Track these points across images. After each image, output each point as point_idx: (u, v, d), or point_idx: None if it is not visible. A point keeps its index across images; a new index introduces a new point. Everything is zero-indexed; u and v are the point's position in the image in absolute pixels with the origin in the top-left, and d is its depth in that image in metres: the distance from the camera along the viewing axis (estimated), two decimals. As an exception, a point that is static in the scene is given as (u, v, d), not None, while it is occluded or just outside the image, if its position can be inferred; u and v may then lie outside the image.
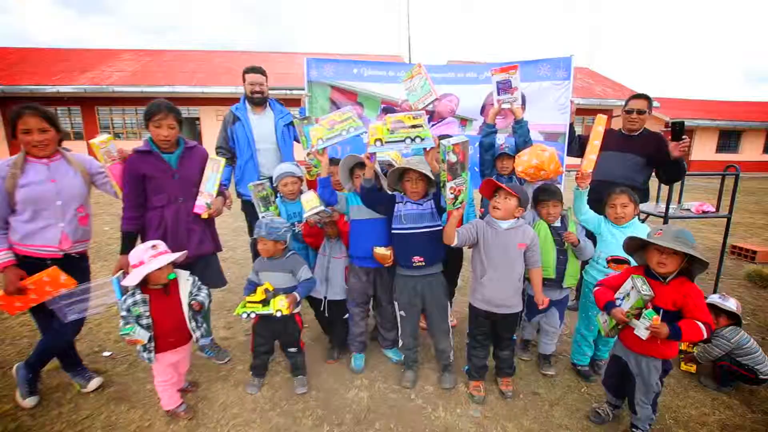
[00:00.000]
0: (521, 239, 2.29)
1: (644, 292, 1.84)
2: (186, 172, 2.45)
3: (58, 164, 2.23)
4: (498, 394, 2.51)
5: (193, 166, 2.49)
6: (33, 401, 2.33)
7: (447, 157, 2.06)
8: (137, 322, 2.04)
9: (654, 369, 1.98)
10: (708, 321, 1.79)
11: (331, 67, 3.44)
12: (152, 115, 2.31)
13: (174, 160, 2.42)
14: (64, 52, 18.37)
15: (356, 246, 2.58)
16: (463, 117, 3.63)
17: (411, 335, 2.59)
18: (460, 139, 2.13)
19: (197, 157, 2.53)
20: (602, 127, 2.67)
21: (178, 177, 2.41)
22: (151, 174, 2.35)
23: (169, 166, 2.40)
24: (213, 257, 2.73)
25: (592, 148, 2.64)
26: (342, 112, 2.38)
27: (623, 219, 2.54)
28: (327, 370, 2.74)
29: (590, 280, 2.66)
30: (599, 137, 2.67)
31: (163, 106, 2.35)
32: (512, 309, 2.34)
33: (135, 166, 2.34)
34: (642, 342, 1.92)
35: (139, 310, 2.04)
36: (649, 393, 2.01)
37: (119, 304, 2.05)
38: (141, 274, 1.99)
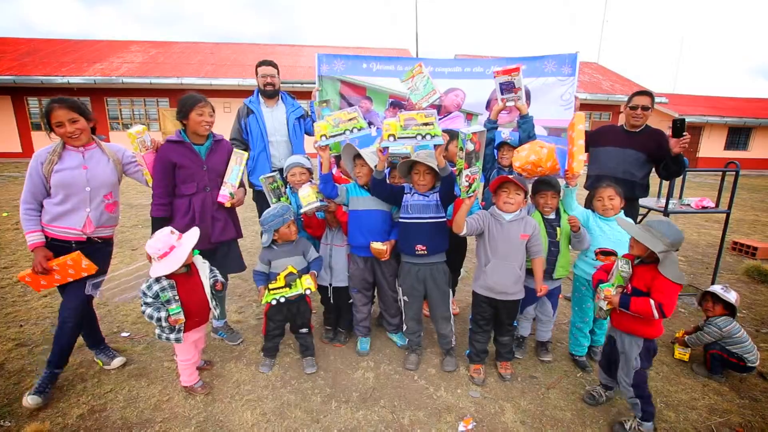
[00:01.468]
0: (524, 230, 2.40)
1: (623, 270, 2.07)
2: (214, 163, 2.59)
3: (93, 153, 2.37)
4: (497, 377, 2.64)
5: (220, 158, 2.63)
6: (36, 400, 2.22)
7: (465, 145, 2.17)
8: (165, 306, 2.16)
9: (635, 345, 2.11)
10: (663, 302, 1.92)
11: (341, 62, 3.54)
12: (195, 103, 2.47)
13: (204, 151, 2.56)
14: (74, 43, 18.52)
15: (354, 236, 2.69)
16: (469, 111, 3.72)
17: (414, 319, 2.72)
18: (478, 128, 2.23)
19: (224, 150, 2.67)
20: (583, 126, 2.73)
21: (206, 168, 2.55)
22: (182, 163, 2.49)
23: (199, 157, 2.54)
24: (234, 243, 2.87)
25: (579, 149, 2.69)
26: (349, 112, 2.49)
27: (611, 211, 2.64)
28: (334, 352, 2.88)
29: (580, 273, 2.76)
30: (582, 136, 2.71)
31: (201, 96, 2.54)
32: (514, 296, 2.46)
33: (167, 154, 2.48)
34: (626, 321, 2.11)
35: (168, 295, 2.16)
36: (629, 369, 2.13)
37: (143, 291, 2.16)
38: (184, 255, 2.12)
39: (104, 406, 2.28)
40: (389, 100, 3.60)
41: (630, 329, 2.11)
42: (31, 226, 2.25)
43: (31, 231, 2.25)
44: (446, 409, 2.33)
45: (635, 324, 2.08)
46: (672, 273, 1.92)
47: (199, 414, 2.24)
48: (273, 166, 3.43)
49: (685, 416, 2.33)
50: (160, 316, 2.14)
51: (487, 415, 2.30)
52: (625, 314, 2.08)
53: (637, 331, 2.08)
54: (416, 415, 2.28)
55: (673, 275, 1.92)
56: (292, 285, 2.42)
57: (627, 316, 2.09)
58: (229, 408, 2.29)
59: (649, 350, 2.11)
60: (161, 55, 17.20)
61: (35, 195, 2.26)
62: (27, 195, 2.25)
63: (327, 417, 2.24)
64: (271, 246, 2.57)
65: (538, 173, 2.67)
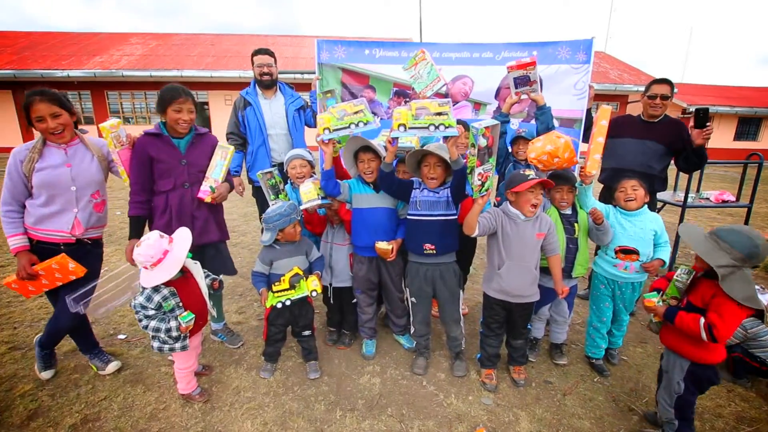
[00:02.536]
0: (540, 229, 2.24)
1: (678, 279, 1.86)
2: (194, 158, 2.42)
3: (76, 149, 2.22)
4: (510, 382, 2.51)
5: (202, 153, 2.46)
6: (49, 374, 2.43)
7: (477, 141, 2.00)
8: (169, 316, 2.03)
9: (678, 367, 1.90)
10: (716, 324, 1.66)
11: (342, 48, 3.36)
12: (172, 99, 2.27)
13: (183, 145, 2.40)
14: (73, 36, 18.34)
15: (358, 235, 2.55)
16: (478, 101, 3.54)
17: (422, 322, 2.58)
18: (491, 122, 2.06)
19: (207, 144, 2.50)
20: (606, 121, 2.51)
21: (186, 163, 2.39)
22: (159, 157, 2.33)
23: (178, 151, 2.38)
24: (222, 245, 2.71)
25: (596, 147, 2.48)
26: (355, 104, 2.32)
27: (634, 202, 2.47)
28: (339, 355, 2.76)
29: (600, 271, 2.61)
30: (603, 133, 2.50)
31: (182, 90, 2.33)
32: (529, 298, 2.31)
33: (143, 148, 2.32)
34: (672, 337, 1.91)
35: (172, 303, 2.02)
36: (671, 392, 1.93)
37: (141, 305, 2.00)
38: (181, 258, 1.98)
39: (98, 414, 2.17)
40: (393, 89, 3.43)
41: (675, 347, 1.91)
42: (12, 230, 2.12)
43: (13, 235, 2.12)
44: (457, 417, 2.20)
45: (682, 342, 1.86)
46: (738, 292, 1.60)
47: (197, 424, 2.12)
48: (273, 161, 3.29)
49: (711, 425, 2.19)
50: (170, 326, 1.99)
51: (500, 424, 2.17)
52: (673, 329, 1.88)
53: (683, 350, 1.87)
54: (426, 424, 2.15)
55: (739, 295, 1.60)
56: (297, 287, 2.29)
57: (674, 332, 1.89)
58: (228, 417, 2.17)
59: (696, 377, 1.86)
60: (161, 48, 16.99)
61: (15, 196, 2.12)
62: (6, 196, 2.11)
63: (331, 427, 2.12)
64: (273, 245, 2.43)
65: (554, 165, 2.50)
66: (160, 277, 1.94)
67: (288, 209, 2.34)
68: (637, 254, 2.46)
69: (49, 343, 2.43)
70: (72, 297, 2.22)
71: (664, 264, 2.48)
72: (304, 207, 2.41)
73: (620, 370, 2.68)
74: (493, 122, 2.07)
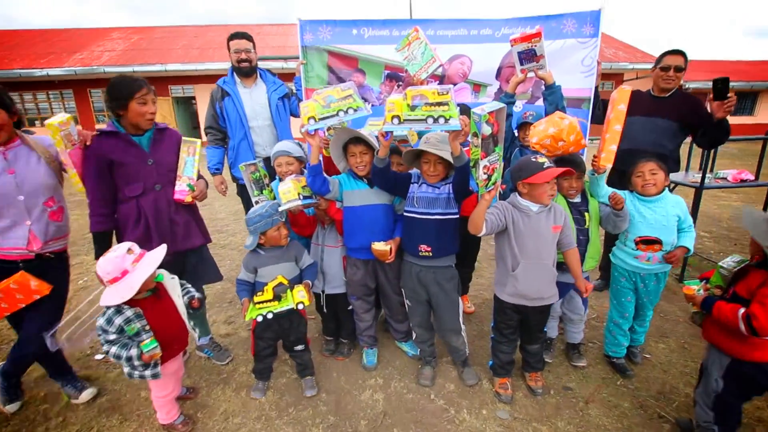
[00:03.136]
0: (555, 220, 1.99)
1: (722, 267, 1.69)
2: (161, 156, 2.15)
3: (18, 152, 1.93)
4: (526, 390, 2.28)
5: (168, 149, 2.19)
6: (14, 407, 2.17)
7: (481, 129, 1.72)
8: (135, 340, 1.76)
9: (717, 363, 1.71)
10: (757, 314, 1.48)
11: (328, 29, 3.05)
12: (135, 91, 2.00)
13: (146, 142, 2.12)
14: (52, 33, 17.72)
15: (351, 236, 2.29)
16: (477, 82, 3.26)
17: (421, 326, 2.35)
18: (496, 105, 1.77)
19: (171, 139, 2.23)
20: (625, 106, 2.20)
21: (153, 162, 2.12)
22: (121, 159, 2.04)
23: (141, 150, 2.10)
24: (205, 249, 2.47)
25: (613, 136, 2.18)
26: (342, 88, 2.03)
27: (653, 187, 2.22)
28: (337, 367, 2.52)
29: (619, 263, 2.38)
30: (621, 120, 2.19)
31: (142, 81, 2.06)
32: (548, 300, 2.07)
33: (101, 150, 2.03)
34: (712, 330, 1.73)
35: (136, 327, 1.75)
36: (708, 390, 1.75)
37: (101, 327, 1.74)
38: (136, 284, 1.69)
39: (68, 452, 1.93)
40: (385, 72, 3.14)
41: (715, 340, 1.72)
42: None
43: None
44: (471, 436, 1.98)
45: (722, 336, 1.67)
46: None
47: (180, 458, 1.89)
48: (257, 156, 3.00)
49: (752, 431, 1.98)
50: (131, 354, 1.72)
51: (520, 442, 1.95)
52: (714, 322, 1.70)
53: (723, 344, 1.68)
54: (437, 447, 1.92)
55: None
56: (282, 298, 2.03)
57: (715, 325, 1.70)
58: (215, 448, 1.94)
59: (737, 374, 1.66)
60: (144, 42, 16.44)
61: None
62: None
63: (331, 455, 1.89)
64: (257, 250, 2.17)
65: (559, 149, 2.23)
66: (111, 299, 1.67)
67: (270, 209, 2.08)
68: (660, 244, 2.22)
69: (14, 372, 2.17)
70: (50, 334, 1.99)
71: (688, 252, 2.25)
72: (282, 209, 2.14)
73: (644, 370, 2.46)
74: (498, 105, 1.79)
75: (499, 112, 1.76)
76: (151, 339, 1.72)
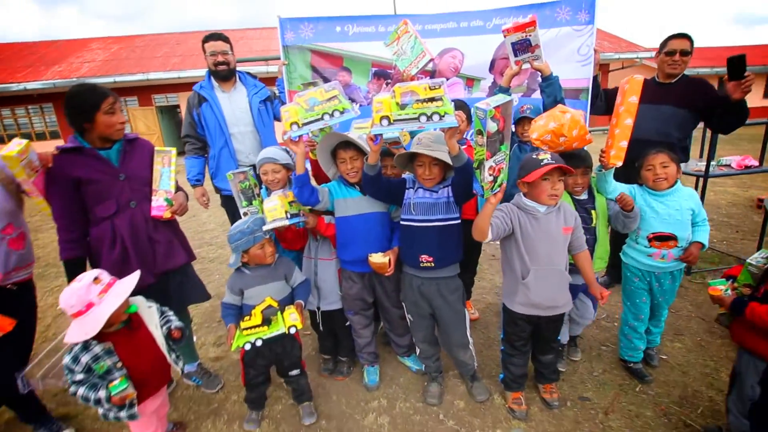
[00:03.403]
0: (565, 221, 1.83)
1: (750, 264, 1.59)
2: (133, 169, 1.97)
3: None
4: (541, 403, 2.13)
5: (141, 161, 2.01)
6: None
7: (486, 126, 1.55)
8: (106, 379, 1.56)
9: (752, 368, 1.58)
10: None
11: (310, 27, 2.88)
12: (101, 100, 1.83)
13: (115, 156, 1.93)
14: (29, 45, 17.29)
15: (345, 248, 2.11)
16: (470, 76, 3.10)
17: (425, 342, 2.19)
18: (502, 99, 1.60)
19: (143, 151, 2.05)
20: (637, 97, 2.04)
21: (124, 177, 1.93)
22: (89, 177, 1.85)
23: (110, 164, 1.91)
24: (189, 267, 2.29)
25: (624, 131, 2.02)
26: (326, 89, 1.83)
27: (665, 182, 2.08)
28: (337, 389, 2.34)
29: (632, 263, 2.24)
30: (633, 113, 2.02)
31: (105, 89, 1.90)
32: (562, 308, 1.91)
33: (64, 169, 1.84)
34: (744, 332, 1.60)
35: (106, 364, 1.56)
36: (743, 397, 1.61)
37: (68, 367, 1.54)
38: (102, 319, 1.50)
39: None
40: (372, 70, 2.97)
41: (749, 344, 1.59)
42: None
43: None
44: (486, 461, 1.82)
45: (756, 339, 1.54)
46: None
47: (166, 505, 1.70)
48: (240, 164, 2.81)
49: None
50: (99, 396, 1.52)
51: (539, 464, 1.79)
52: (746, 323, 1.57)
53: (758, 348, 1.55)
54: (450, 476, 1.76)
55: None
56: (272, 321, 1.85)
57: (747, 327, 1.57)
58: (205, 491, 1.75)
59: None
60: (124, 51, 16.08)
61: None
62: None
63: (334, 492, 1.72)
64: (242, 270, 1.99)
65: (562, 145, 2.07)
66: (75, 335, 1.48)
67: (252, 225, 1.90)
68: (674, 240, 2.08)
69: None
70: (20, 375, 1.82)
71: (703, 247, 2.10)
72: (267, 229, 1.94)
73: (662, 373, 2.32)
74: (504, 99, 1.61)
75: (505, 107, 1.59)
76: (120, 379, 1.53)
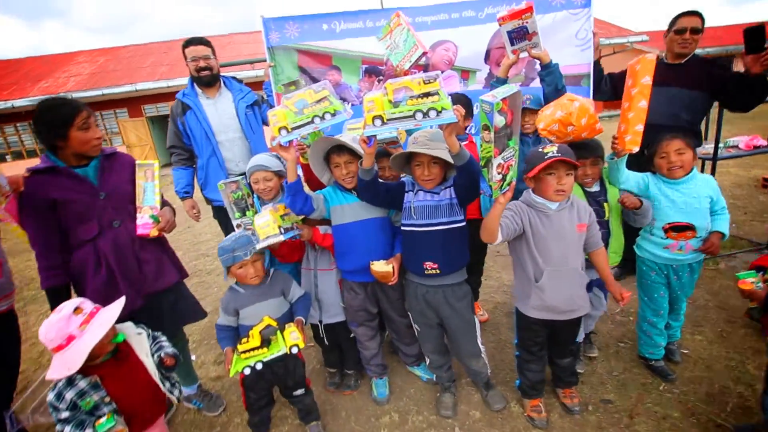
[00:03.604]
0: (579, 218, 1.71)
1: None
2: (113, 186, 1.84)
3: None
4: (561, 409, 2.01)
5: (121, 177, 1.89)
6: None
7: (493, 121, 1.42)
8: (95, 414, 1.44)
9: None
10: None
11: (295, 26, 2.74)
12: (74, 115, 1.70)
13: (92, 173, 1.80)
14: (14, 62, 17.05)
15: (345, 258, 1.99)
16: (465, 68, 2.98)
17: (435, 352, 2.07)
18: (509, 90, 1.47)
19: (123, 165, 1.92)
20: (650, 78, 1.90)
21: (104, 195, 1.80)
22: (66, 197, 1.72)
23: (87, 182, 1.78)
24: (182, 286, 2.16)
25: (638, 114, 1.89)
26: (316, 90, 1.69)
27: (680, 170, 1.96)
28: (345, 404, 2.22)
29: (647, 256, 2.12)
30: (646, 94, 1.88)
31: (78, 103, 1.77)
32: (580, 311, 1.80)
33: (38, 192, 1.70)
34: None
35: (93, 400, 1.44)
36: None
37: (51, 404, 1.41)
38: (83, 355, 1.37)
39: None
40: (362, 67, 2.84)
41: None
42: None
43: None
44: (509, 478, 1.70)
45: None
46: None
47: None
48: (229, 173, 2.69)
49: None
50: None
51: (565, 478, 1.67)
52: None
53: None
54: (470, 497, 1.64)
55: None
56: (272, 341, 1.72)
57: None
58: None
59: None
60: (111, 63, 15.89)
61: None
62: None
63: None
64: (236, 288, 1.87)
65: (570, 135, 1.96)
66: (57, 372, 1.35)
67: (233, 244, 1.77)
68: (692, 230, 1.96)
69: None
70: (9, 414, 1.73)
71: (723, 237, 1.99)
72: (260, 247, 1.81)
73: (685, 369, 2.21)
74: (512, 90, 1.48)
75: (513, 98, 1.46)
76: (108, 416, 1.40)
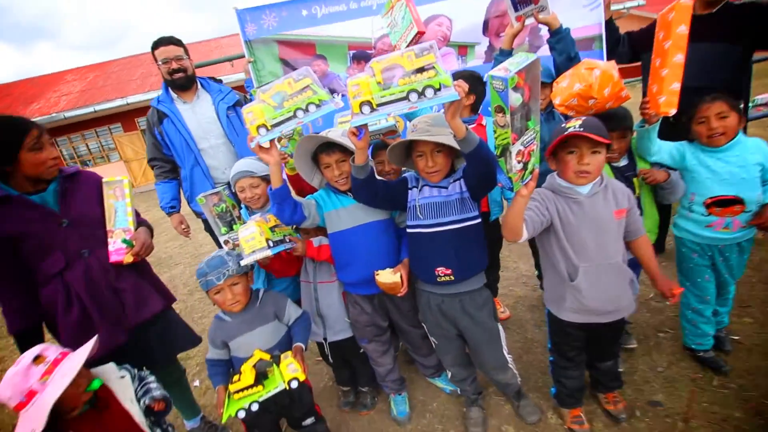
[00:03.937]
0: (618, 203, 1.46)
1: None
2: (78, 211, 1.63)
3: None
4: (605, 417, 1.78)
5: (86, 200, 1.67)
6: None
7: (508, 101, 1.16)
8: None
9: None
10: None
11: (273, 15, 2.50)
12: (24, 134, 1.48)
13: (52, 199, 1.58)
14: (5, 87, 16.95)
15: (345, 269, 1.76)
16: (461, 43, 2.72)
17: (456, 365, 1.84)
18: (525, 60, 1.19)
19: (87, 186, 1.70)
20: (686, 27, 1.61)
21: (68, 222, 1.58)
22: (23, 231, 1.51)
23: (47, 210, 1.56)
24: (169, 313, 1.94)
25: (674, 71, 1.60)
26: (296, 78, 1.43)
27: (723, 137, 1.69)
28: (362, 426, 2.02)
29: (687, 236, 1.88)
30: (682, 47, 1.60)
31: (27, 121, 1.55)
32: (625, 311, 1.55)
33: None
34: None
35: None
36: None
37: None
38: (44, 412, 1.18)
39: None
40: (350, 53, 2.59)
41: None
42: None
43: None
44: (555, 506, 1.48)
45: None
46: None
47: None
48: (216, 182, 2.47)
49: None
50: None
51: (621, 503, 1.45)
52: None
53: None
54: None
55: None
56: (268, 375, 1.51)
57: None
58: None
59: None
60: (100, 79, 15.71)
61: None
62: None
63: None
64: (221, 316, 1.66)
65: (591, 108, 1.70)
66: None
67: (205, 267, 1.56)
68: (741, 203, 1.70)
69: None
70: None
71: None
72: (247, 263, 1.59)
73: (739, 359, 1.97)
74: (528, 59, 1.20)
75: (530, 69, 1.19)
76: None
